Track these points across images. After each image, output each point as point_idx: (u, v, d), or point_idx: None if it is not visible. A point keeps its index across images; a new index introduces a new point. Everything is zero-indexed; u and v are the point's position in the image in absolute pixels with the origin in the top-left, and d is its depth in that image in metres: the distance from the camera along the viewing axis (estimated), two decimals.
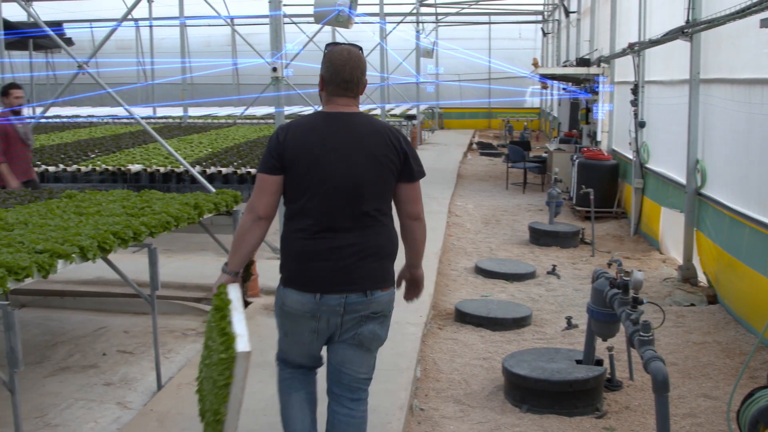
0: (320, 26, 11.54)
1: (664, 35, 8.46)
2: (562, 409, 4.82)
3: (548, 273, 8.40)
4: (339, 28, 14.27)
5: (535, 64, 16.67)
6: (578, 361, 5.13)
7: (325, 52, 3.46)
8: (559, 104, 21.28)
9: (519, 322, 6.61)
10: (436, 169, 16.54)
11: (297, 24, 19.86)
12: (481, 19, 30.09)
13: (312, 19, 9.54)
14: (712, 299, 7.23)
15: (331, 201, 3.33)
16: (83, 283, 7.06)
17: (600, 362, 5.16)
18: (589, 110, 14.85)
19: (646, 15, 10.21)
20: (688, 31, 7.67)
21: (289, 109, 19.85)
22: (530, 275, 8.29)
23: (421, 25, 25.69)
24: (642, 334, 4.14)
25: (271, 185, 3.37)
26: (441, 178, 15.23)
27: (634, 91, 10.37)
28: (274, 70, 7.68)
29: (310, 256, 3.35)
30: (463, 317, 6.69)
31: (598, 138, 13.69)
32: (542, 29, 28.47)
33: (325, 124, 3.40)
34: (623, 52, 10.98)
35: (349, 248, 3.35)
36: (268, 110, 20.50)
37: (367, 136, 3.38)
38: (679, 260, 8.26)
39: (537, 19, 29.42)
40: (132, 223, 4.74)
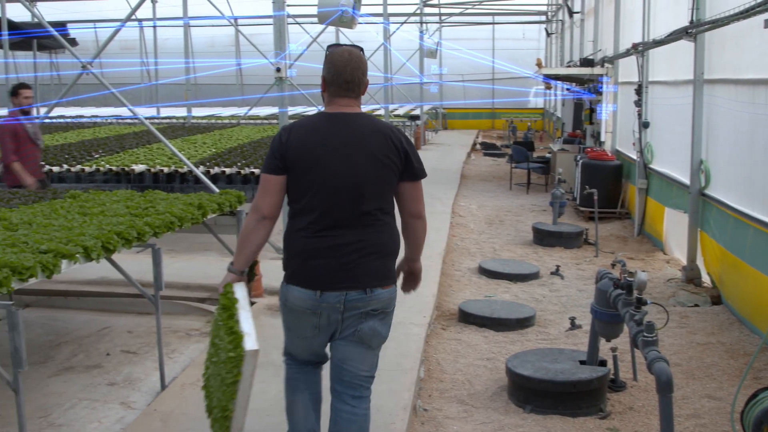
0: (324, 26, 11.52)
1: (668, 36, 8.45)
2: (565, 409, 4.82)
3: (552, 273, 8.39)
4: (343, 29, 14.26)
5: (539, 65, 16.67)
6: (582, 362, 5.13)
7: (327, 53, 3.50)
8: (563, 105, 21.26)
9: (522, 323, 6.61)
10: (440, 170, 16.53)
11: (301, 24, 19.84)
12: (484, 20, 30.10)
13: (316, 20, 9.55)
14: (716, 300, 7.21)
15: (333, 200, 3.38)
16: (87, 283, 7.07)
17: (604, 363, 5.16)
18: (592, 111, 14.84)
19: (650, 15, 10.19)
20: (692, 32, 7.66)
21: (292, 110, 19.89)
22: (534, 276, 8.29)
23: (424, 25, 25.65)
24: (646, 334, 4.13)
25: (275, 185, 3.42)
26: (444, 179, 15.23)
27: (638, 92, 10.35)
28: (278, 71, 7.69)
29: (311, 254, 3.40)
30: (466, 318, 6.69)
31: (602, 138, 13.68)
32: (546, 29, 28.47)
33: (326, 125, 3.45)
34: (627, 53, 10.97)
35: (350, 246, 3.39)
36: (272, 110, 20.52)
37: (368, 135, 3.43)
38: (683, 261, 8.25)
39: (541, 19, 29.45)
40: (136, 224, 4.74)
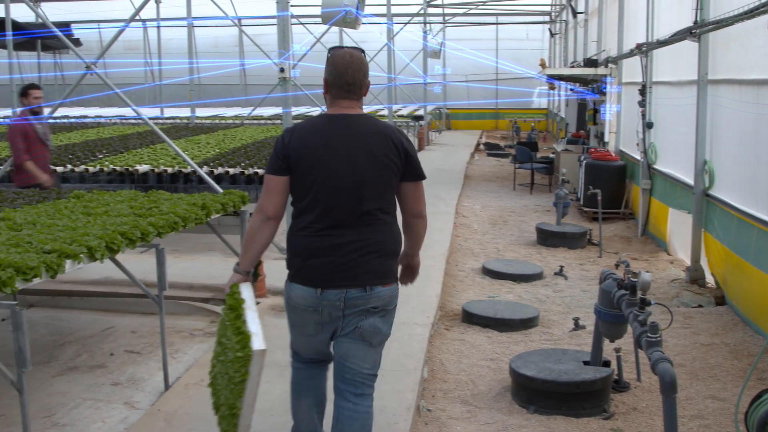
0: (327, 27, 11.54)
1: (672, 36, 8.44)
2: (569, 410, 4.81)
3: (555, 274, 8.38)
4: (346, 29, 14.28)
5: (543, 65, 16.62)
6: (585, 363, 5.12)
7: (328, 56, 3.56)
8: (567, 105, 21.26)
9: (526, 323, 6.60)
10: (444, 170, 16.54)
11: (304, 24, 19.88)
12: (488, 20, 30.08)
13: (319, 20, 9.55)
14: (720, 300, 7.20)
15: (334, 199, 3.44)
16: (91, 284, 7.08)
17: (607, 363, 5.15)
18: (596, 111, 14.82)
19: (654, 15, 10.18)
20: (696, 32, 7.64)
21: (296, 110, 19.88)
22: (537, 276, 8.28)
23: (428, 25, 25.64)
24: (650, 335, 4.13)
25: (278, 185, 3.49)
26: (448, 179, 15.23)
27: (642, 92, 10.34)
28: (282, 71, 7.69)
29: (312, 253, 3.46)
30: (470, 318, 6.69)
31: (606, 139, 13.66)
32: (550, 30, 28.43)
33: (328, 126, 3.51)
34: (631, 53, 10.95)
35: (351, 245, 3.45)
36: (276, 111, 20.52)
37: (368, 136, 3.49)
38: (687, 261, 8.24)
39: (544, 19, 29.41)
40: (140, 224, 4.75)
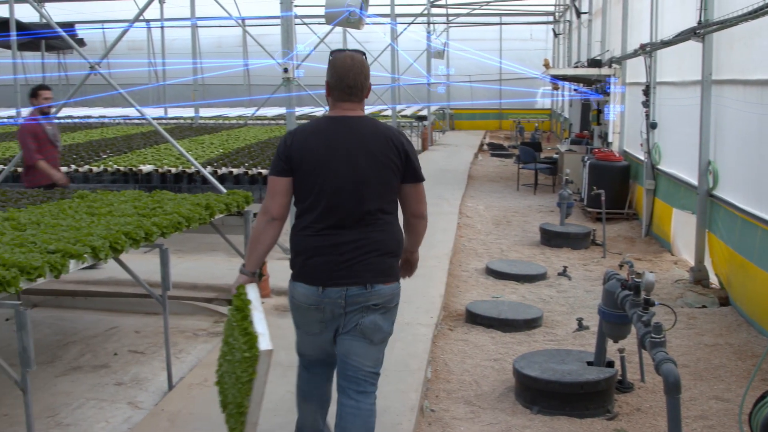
0: (331, 27, 11.54)
1: (676, 36, 8.43)
2: (573, 410, 4.81)
3: (559, 274, 8.38)
4: (350, 29, 14.28)
5: (546, 65, 16.63)
6: (589, 363, 5.12)
7: (330, 59, 3.61)
8: (570, 105, 21.23)
9: (530, 324, 6.59)
10: (447, 170, 16.54)
11: (308, 25, 19.85)
12: (492, 20, 30.07)
13: (323, 20, 9.55)
14: (724, 301, 7.19)
15: (335, 200, 3.49)
16: (95, 283, 7.09)
17: (611, 364, 5.15)
18: (600, 111, 14.80)
19: (658, 16, 10.17)
20: (701, 32, 7.63)
21: (300, 110, 19.90)
22: (541, 276, 8.27)
23: (432, 26, 25.66)
24: (653, 335, 4.12)
25: (282, 187, 3.55)
26: (452, 179, 15.23)
27: (646, 92, 10.33)
28: (285, 71, 7.71)
29: (313, 252, 3.52)
30: (473, 318, 6.68)
31: (610, 139, 13.65)
32: (553, 30, 28.42)
33: (330, 128, 3.57)
34: (635, 53, 10.95)
35: (351, 244, 3.50)
36: (279, 111, 20.55)
37: (369, 137, 3.54)
38: (691, 262, 8.23)
39: (548, 19, 29.39)
40: (143, 224, 4.75)
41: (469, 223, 11.38)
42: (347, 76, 3.52)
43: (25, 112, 8.33)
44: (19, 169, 9.33)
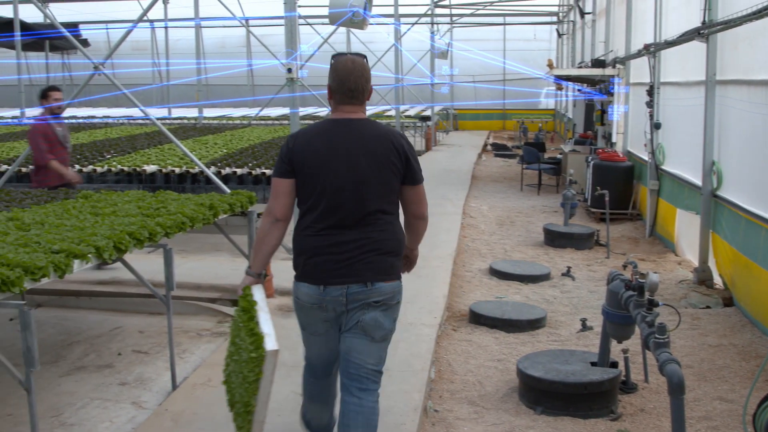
0: (335, 27, 11.54)
1: (680, 36, 8.42)
2: (576, 411, 4.81)
3: (563, 275, 8.37)
4: (354, 30, 14.28)
5: (550, 66, 16.62)
6: (593, 363, 5.11)
7: (331, 63, 3.66)
8: (574, 105, 21.21)
9: (533, 324, 6.59)
10: (451, 171, 16.54)
11: (312, 25, 19.87)
12: (495, 20, 30.05)
13: (327, 21, 9.56)
14: (728, 302, 7.18)
15: (336, 200, 3.53)
16: (99, 283, 7.10)
17: (615, 364, 5.14)
18: (604, 112, 14.80)
19: (662, 16, 10.16)
20: (705, 32, 7.62)
21: (303, 110, 19.91)
22: (545, 277, 8.27)
23: (435, 26, 25.62)
24: (657, 336, 4.12)
25: (285, 188, 3.60)
26: (455, 180, 15.23)
27: (650, 93, 10.32)
28: (289, 71, 7.70)
29: (315, 251, 3.56)
30: (477, 319, 6.68)
31: (613, 139, 13.64)
32: (557, 30, 28.38)
33: (331, 130, 3.62)
34: (639, 54, 10.94)
35: (352, 244, 3.54)
36: (283, 111, 20.55)
37: (370, 139, 3.58)
38: (695, 262, 8.22)
39: (552, 20, 29.37)
40: (147, 224, 4.76)
41: (473, 223, 11.38)
42: (348, 79, 3.56)
43: (36, 112, 8.33)
44: (24, 169, 9.37)
